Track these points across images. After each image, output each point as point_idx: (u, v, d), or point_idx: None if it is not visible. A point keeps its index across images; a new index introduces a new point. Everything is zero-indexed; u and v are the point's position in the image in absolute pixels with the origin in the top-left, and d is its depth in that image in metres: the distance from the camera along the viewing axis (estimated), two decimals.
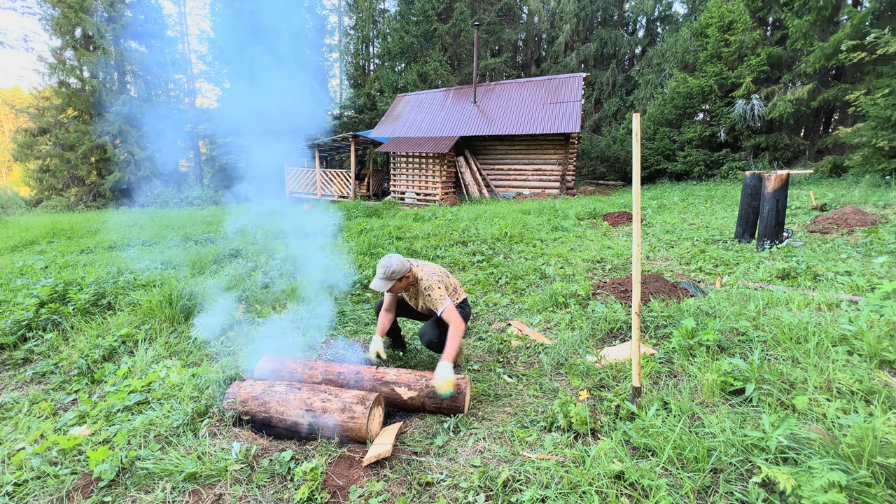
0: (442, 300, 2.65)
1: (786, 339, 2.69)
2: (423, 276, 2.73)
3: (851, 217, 6.39)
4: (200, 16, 27.91)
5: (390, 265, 2.64)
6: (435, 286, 2.68)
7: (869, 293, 3.33)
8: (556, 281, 4.75)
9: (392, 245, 6.66)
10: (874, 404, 1.97)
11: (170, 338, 3.50)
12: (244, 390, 2.47)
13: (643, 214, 9.29)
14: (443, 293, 2.67)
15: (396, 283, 2.70)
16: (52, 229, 9.83)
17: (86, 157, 20.21)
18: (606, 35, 25.90)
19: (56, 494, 1.90)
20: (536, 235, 7.33)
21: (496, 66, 25.13)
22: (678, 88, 17.73)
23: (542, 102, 15.89)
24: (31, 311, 3.71)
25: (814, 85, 14.34)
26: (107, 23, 19.82)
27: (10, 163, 30.88)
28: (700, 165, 17.37)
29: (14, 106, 21.72)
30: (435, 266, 2.87)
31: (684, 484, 1.73)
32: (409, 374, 2.64)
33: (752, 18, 16.14)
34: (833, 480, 1.50)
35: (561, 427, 2.23)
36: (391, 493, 1.89)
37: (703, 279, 4.61)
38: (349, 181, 16.43)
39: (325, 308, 4.08)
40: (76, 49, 19.62)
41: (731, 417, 2.05)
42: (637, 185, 2.17)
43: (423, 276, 2.73)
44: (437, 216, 9.96)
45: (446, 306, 2.63)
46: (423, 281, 2.73)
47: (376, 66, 28.75)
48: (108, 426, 2.38)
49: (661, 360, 2.78)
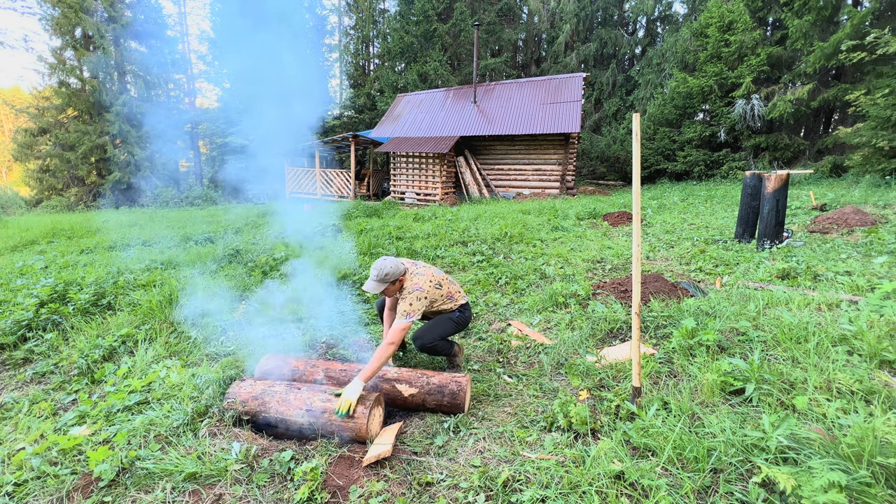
0: (404, 314, 2.58)
1: (786, 339, 2.69)
2: (407, 287, 2.69)
3: (851, 217, 6.39)
4: (200, 16, 27.96)
5: (384, 268, 2.61)
6: (409, 299, 2.62)
7: (869, 293, 3.33)
8: (556, 281, 4.75)
9: (392, 245, 6.66)
10: (874, 404, 1.97)
11: (170, 338, 3.50)
12: (244, 390, 2.47)
13: (643, 214, 9.29)
14: (412, 309, 2.60)
15: (389, 287, 2.67)
16: (52, 229, 9.83)
17: (86, 157, 20.21)
18: (606, 35, 25.89)
19: (56, 494, 1.90)
20: (536, 235, 7.33)
21: (496, 66, 25.13)
22: (678, 88, 17.73)
23: (542, 102, 15.89)
24: (31, 311, 3.71)
25: (814, 85, 14.34)
26: (107, 23, 19.82)
27: (10, 163, 30.89)
28: (700, 165, 17.37)
29: (14, 106, 21.73)
30: (430, 276, 2.79)
31: (684, 484, 1.73)
32: (410, 372, 2.66)
33: (752, 18, 16.14)
34: (833, 480, 1.50)
35: (561, 427, 2.23)
36: (391, 493, 1.89)
37: (703, 279, 4.61)
38: (349, 181, 16.43)
39: (325, 308, 4.09)
40: (76, 49, 19.62)
41: (731, 417, 2.05)
42: (637, 185, 2.17)
43: (407, 287, 2.69)
44: (437, 216, 9.96)
45: (403, 321, 2.57)
46: (405, 290, 2.69)
47: (376, 66, 28.76)
48: (108, 426, 2.38)
49: (661, 360, 2.78)
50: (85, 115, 20.36)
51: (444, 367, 3.06)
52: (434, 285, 2.78)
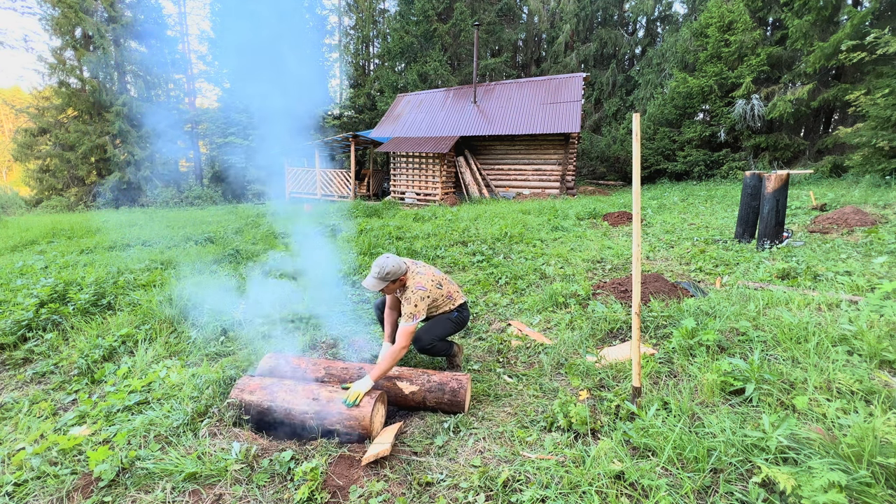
0: (410, 316, 2.59)
1: (786, 339, 2.69)
2: (410, 286, 2.68)
3: (851, 217, 6.38)
4: (200, 16, 27.96)
5: (385, 266, 2.59)
6: (413, 300, 2.61)
7: (869, 293, 3.33)
8: (556, 281, 4.75)
9: (392, 245, 6.65)
10: (874, 404, 1.97)
11: (170, 338, 3.50)
12: (253, 381, 2.57)
13: (643, 214, 9.29)
14: (417, 310, 2.61)
15: (390, 285, 2.66)
16: (52, 229, 9.83)
17: (86, 157, 20.21)
18: (606, 35, 25.89)
19: (56, 494, 1.90)
20: (536, 235, 7.33)
21: (496, 66, 25.12)
22: (678, 88, 17.73)
23: (542, 102, 15.89)
24: (31, 311, 3.71)
25: (814, 85, 14.34)
26: (107, 23, 19.82)
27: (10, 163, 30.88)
28: (700, 165, 17.36)
29: (14, 106, 21.74)
30: (431, 276, 2.79)
31: (684, 484, 1.73)
32: (411, 371, 2.68)
33: (752, 18, 16.14)
34: (833, 480, 1.50)
35: (561, 427, 2.23)
36: (391, 493, 1.89)
37: (703, 279, 4.61)
38: (349, 181, 16.43)
39: (325, 307, 4.09)
40: (76, 49, 19.61)
41: (731, 417, 2.05)
42: (637, 185, 2.17)
43: (410, 286, 2.68)
44: (437, 216, 9.96)
45: (409, 324, 2.57)
46: (408, 290, 2.68)
47: (376, 66, 28.75)
48: (108, 426, 2.38)
49: (661, 360, 2.78)
50: (85, 115, 20.35)
51: (444, 367, 3.06)
52: (435, 284, 2.77)
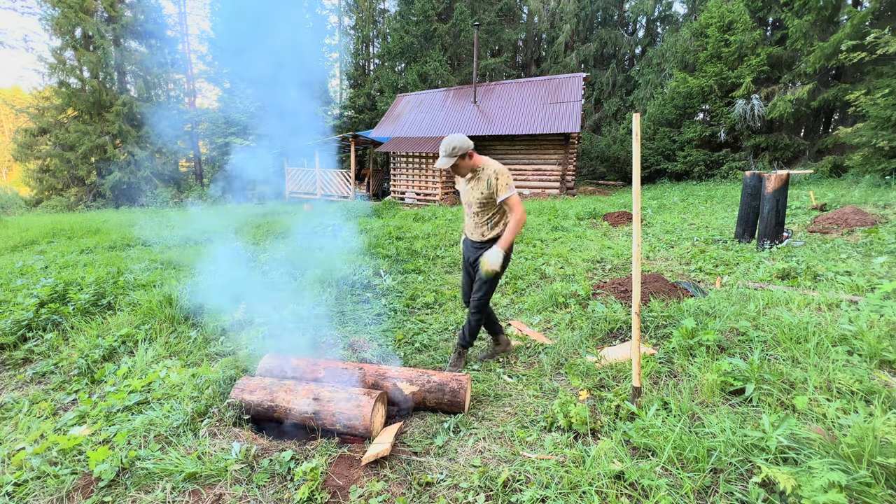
0: (507, 187, 2.62)
1: (786, 339, 2.69)
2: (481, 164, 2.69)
3: (851, 217, 6.38)
4: (200, 16, 27.95)
5: (451, 142, 2.59)
6: (498, 176, 2.63)
7: (869, 293, 3.33)
8: (556, 281, 4.75)
9: (392, 245, 6.65)
10: (874, 404, 1.97)
11: (170, 338, 3.50)
12: (253, 381, 2.57)
13: (643, 214, 9.29)
14: (507, 180, 2.64)
15: (459, 161, 2.65)
16: (52, 229, 9.83)
17: (86, 157, 20.19)
18: (606, 35, 25.89)
19: (56, 494, 1.90)
20: (536, 235, 7.33)
21: (496, 66, 25.12)
22: (678, 88, 17.73)
23: (542, 102, 15.89)
24: (31, 311, 3.71)
25: (814, 85, 14.34)
26: (107, 23, 19.82)
27: (10, 163, 30.90)
28: (700, 165, 17.37)
29: (14, 106, 21.75)
30: None
31: (684, 484, 1.73)
32: (411, 371, 2.68)
33: (752, 18, 16.14)
34: (833, 480, 1.50)
35: (561, 427, 2.23)
36: (391, 493, 1.89)
37: (703, 279, 4.61)
38: (349, 181, 16.43)
39: (325, 308, 4.08)
40: (76, 49, 19.60)
41: (731, 417, 2.05)
42: (637, 185, 2.17)
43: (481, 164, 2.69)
44: (437, 216, 9.96)
45: (511, 192, 2.62)
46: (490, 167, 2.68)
47: (376, 66, 28.75)
48: (108, 426, 2.38)
49: (661, 360, 2.78)
50: (85, 115, 20.34)
51: (443, 367, 3.06)
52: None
